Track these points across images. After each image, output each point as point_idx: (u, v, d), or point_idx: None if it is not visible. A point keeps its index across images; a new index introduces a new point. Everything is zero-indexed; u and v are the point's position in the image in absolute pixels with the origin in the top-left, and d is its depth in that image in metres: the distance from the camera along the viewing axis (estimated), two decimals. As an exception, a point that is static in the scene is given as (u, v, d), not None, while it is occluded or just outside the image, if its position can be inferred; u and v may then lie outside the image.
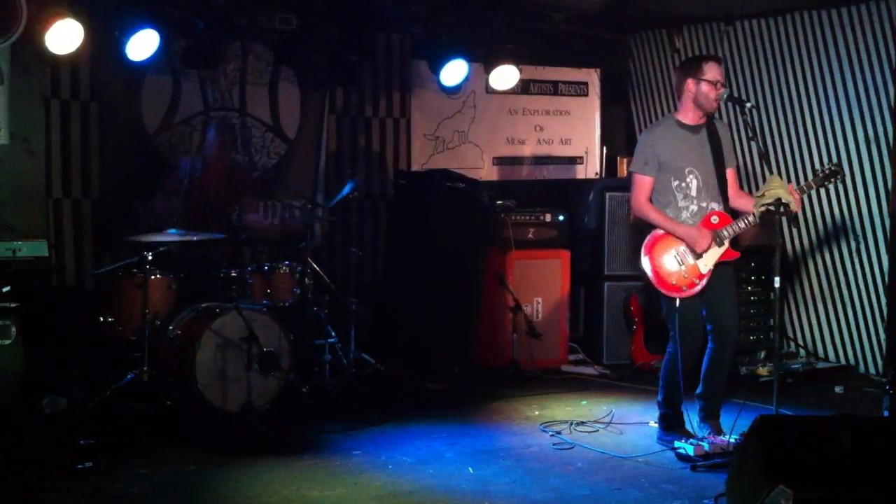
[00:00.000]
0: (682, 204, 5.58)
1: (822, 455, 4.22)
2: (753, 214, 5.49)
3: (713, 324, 5.65)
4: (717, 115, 5.82)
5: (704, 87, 5.49)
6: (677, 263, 5.52)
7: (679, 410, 5.77)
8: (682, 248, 5.52)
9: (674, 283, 5.52)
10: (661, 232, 5.58)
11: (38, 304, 6.31)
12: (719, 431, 5.67)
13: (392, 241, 8.08)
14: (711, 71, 5.51)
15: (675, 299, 5.53)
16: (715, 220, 5.54)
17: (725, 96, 5.59)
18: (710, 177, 5.57)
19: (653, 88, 9.04)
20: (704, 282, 5.52)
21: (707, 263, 5.50)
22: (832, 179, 5.55)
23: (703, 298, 5.58)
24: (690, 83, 5.54)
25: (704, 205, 5.58)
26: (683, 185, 5.57)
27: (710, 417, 5.78)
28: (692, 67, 5.59)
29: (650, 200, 5.61)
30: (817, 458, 4.21)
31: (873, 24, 7.35)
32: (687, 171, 5.56)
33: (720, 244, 5.51)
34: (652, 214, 5.57)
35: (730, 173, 5.68)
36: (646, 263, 5.59)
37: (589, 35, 8.82)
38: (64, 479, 5.09)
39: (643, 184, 5.59)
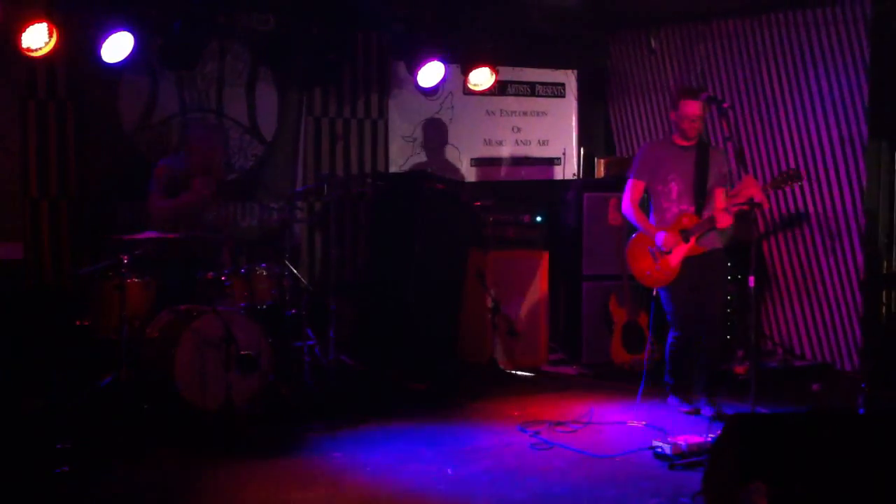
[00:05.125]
0: (664, 206, 6.39)
1: (798, 452, 4.25)
2: (719, 215, 6.18)
3: (702, 307, 6.35)
4: (714, 142, 6.95)
5: (679, 121, 6.32)
6: (653, 258, 6.34)
7: (685, 380, 6.47)
8: (656, 245, 6.34)
9: (651, 276, 6.37)
10: (636, 236, 6.44)
11: (14, 305, 6.29)
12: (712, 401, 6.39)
13: (371, 243, 8.07)
14: (685, 107, 6.28)
15: (658, 290, 6.40)
16: (685, 220, 6.30)
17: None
18: (690, 185, 6.32)
19: (630, 89, 9.07)
20: (677, 273, 6.28)
21: (676, 256, 6.28)
22: (790, 183, 6.19)
23: (694, 288, 6.30)
24: (672, 115, 6.41)
25: (684, 207, 6.33)
26: (666, 189, 6.37)
27: (703, 392, 6.44)
28: (674, 101, 6.41)
29: (641, 204, 6.44)
30: (793, 455, 4.24)
31: (847, 25, 7.41)
32: (669, 178, 6.35)
33: (686, 240, 6.26)
34: (632, 216, 6.45)
35: (719, 192, 6.34)
36: (628, 262, 6.50)
37: (566, 35, 8.84)
38: (42, 481, 5.07)
39: (632, 187, 6.44)
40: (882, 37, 7.23)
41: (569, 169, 9.18)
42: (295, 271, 7.02)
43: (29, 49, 6.23)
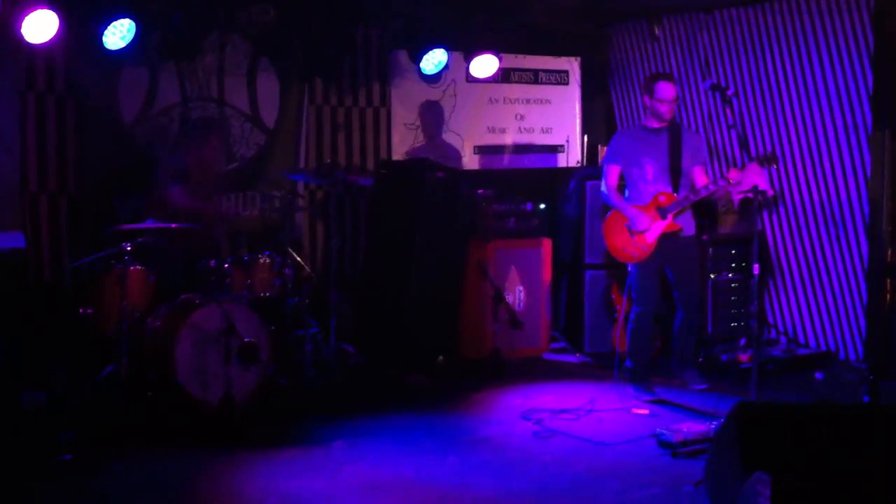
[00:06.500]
0: (641, 187, 6.61)
1: (801, 442, 4.23)
2: (694, 192, 6.46)
3: (679, 292, 6.68)
4: (684, 117, 7.22)
5: (655, 104, 6.53)
6: (629, 234, 6.55)
7: (644, 364, 6.69)
8: (635, 219, 6.55)
9: (626, 251, 6.57)
10: (613, 212, 6.65)
11: (15, 298, 6.27)
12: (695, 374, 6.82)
13: (372, 232, 8.05)
14: (661, 90, 6.51)
15: (630, 265, 6.62)
16: (661, 198, 6.53)
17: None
18: (665, 167, 6.55)
19: (633, 77, 9.03)
20: (653, 249, 6.48)
21: (653, 233, 6.49)
22: (767, 165, 6.25)
23: (665, 268, 6.62)
24: (647, 99, 6.61)
25: (661, 187, 6.56)
26: (642, 172, 6.60)
27: (684, 365, 6.82)
28: (648, 86, 6.60)
29: (620, 187, 6.67)
30: (796, 445, 4.23)
31: (851, 12, 7.36)
32: (644, 161, 6.59)
33: (663, 217, 6.48)
34: (611, 197, 6.69)
35: (698, 170, 6.62)
36: (604, 238, 6.71)
37: (570, 23, 8.80)
38: (43, 474, 5.07)
39: (609, 172, 6.69)
40: (885, 25, 7.18)
41: (572, 157, 9.15)
42: (298, 259, 7.01)
43: (29, 37, 6.20)
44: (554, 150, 9.12)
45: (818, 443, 4.24)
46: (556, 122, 9.13)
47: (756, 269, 5.86)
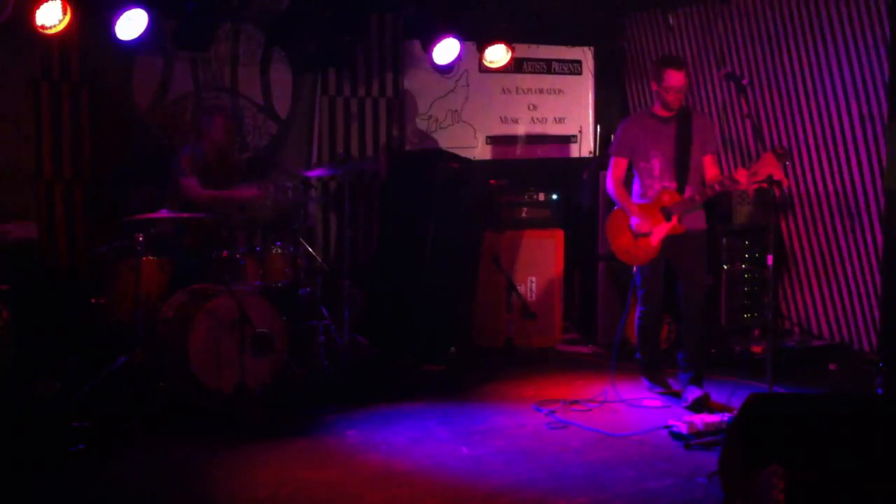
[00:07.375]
0: (647, 182, 6.31)
1: (815, 434, 4.22)
2: (701, 194, 6.14)
3: (682, 290, 6.35)
4: (699, 108, 6.64)
5: (662, 91, 6.20)
6: (633, 236, 6.26)
7: (654, 360, 6.54)
8: (637, 222, 6.26)
9: (630, 253, 6.29)
10: (616, 210, 6.35)
11: (30, 287, 6.30)
12: (703, 396, 6.17)
13: (384, 222, 8.05)
14: (669, 78, 6.16)
15: (634, 267, 6.37)
16: (665, 198, 6.21)
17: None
18: (671, 161, 6.22)
19: (647, 66, 8.99)
20: (658, 252, 6.21)
21: (657, 235, 6.20)
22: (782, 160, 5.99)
23: (671, 266, 6.32)
24: (654, 86, 6.29)
25: (667, 184, 6.24)
26: (648, 166, 6.29)
27: (684, 377, 6.35)
28: (655, 72, 6.26)
29: (625, 180, 6.35)
30: (810, 436, 4.21)
31: (868, 1, 7.31)
32: (651, 154, 6.26)
33: (668, 218, 6.18)
34: (614, 193, 6.36)
35: (708, 159, 6.29)
36: (608, 237, 6.40)
37: (583, 14, 8.77)
38: (57, 463, 5.09)
39: (615, 164, 6.37)
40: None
41: (585, 147, 9.13)
42: (311, 250, 7.01)
43: (43, 27, 6.22)
44: (567, 140, 9.10)
45: (833, 434, 4.22)
46: (570, 112, 9.11)
47: (770, 259, 5.82)
